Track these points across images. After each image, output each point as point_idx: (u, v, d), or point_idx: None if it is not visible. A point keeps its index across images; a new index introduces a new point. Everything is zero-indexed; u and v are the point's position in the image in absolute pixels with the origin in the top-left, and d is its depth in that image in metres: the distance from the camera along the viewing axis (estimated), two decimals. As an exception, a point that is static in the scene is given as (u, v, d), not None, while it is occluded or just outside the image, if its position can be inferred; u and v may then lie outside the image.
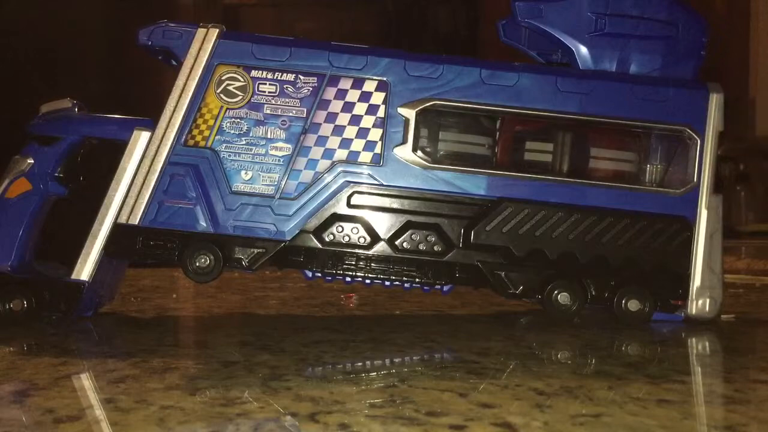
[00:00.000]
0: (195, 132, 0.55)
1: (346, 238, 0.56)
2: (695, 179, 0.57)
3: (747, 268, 1.38)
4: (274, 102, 0.55)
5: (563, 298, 0.57)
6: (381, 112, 0.56)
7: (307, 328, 0.55)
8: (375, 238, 0.56)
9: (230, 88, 0.55)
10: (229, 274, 0.56)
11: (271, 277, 0.83)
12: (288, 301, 0.71)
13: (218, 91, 0.55)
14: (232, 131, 0.55)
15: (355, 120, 0.56)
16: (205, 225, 0.54)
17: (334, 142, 0.55)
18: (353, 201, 0.56)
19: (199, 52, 0.55)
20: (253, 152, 0.55)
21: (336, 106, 0.55)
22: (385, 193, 0.56)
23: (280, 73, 0.55)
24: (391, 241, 0.56)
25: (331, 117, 0.55)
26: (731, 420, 0.32)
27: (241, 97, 0.55)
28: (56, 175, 0.55)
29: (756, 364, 0.46)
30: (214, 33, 0.55)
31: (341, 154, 0.55)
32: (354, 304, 0.70)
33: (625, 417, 0.31)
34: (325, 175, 0.55)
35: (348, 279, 0.57)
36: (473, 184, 0.56)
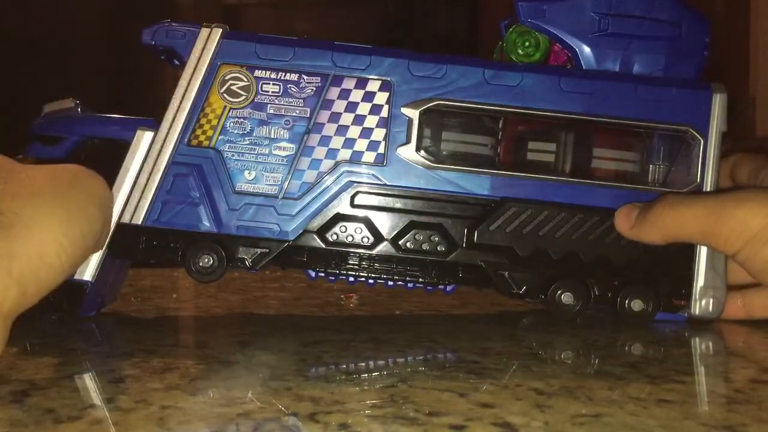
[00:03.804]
0: (198, 132, 0.55)
1: (350, 238, 0.56)
2: (698, 179, 0.57)
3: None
4: (277, 102, 0.55)
5: (567, 298, 0.56)
6: (384, 112, 0.56)
7: (307, 328, 0.55)
8: (378, 238, 0.56)
9: (234, 87, 0.55)
10: (229, 273, 0.56)
11: (271, 277, 0.83)
12: (288, 301, 0.71)
13: (221, 91, 0.55)
14: (236, 131, 0.55)
15: (359, 120, 0.56)
16: (208, 225, 0.54)
17: (337, 142, 0.55)
18: (357, 201, 0.56)
19: (202, 52, 0.55)
20: (256, 152, 0.55)
21: (339, 105, 0.55)
22: (389, 193, 0.56)
23: (283, 73, 0.55)
24: (394, 241, 0.56)
25: (335, 117, 0.55)
26: (731, 420, 0.31)
27: (244, 96, 0.55)
28: None
29: (756, 364, 0.46)
30: (217, 33, 0.55)
31: (345, 154, 0.55)
32: (354, 304, 0.70)
33: (625, 417, 0.31)
34: (328, 175, 0.55)
35: (351, 279, 0.56)
36: (477, 184, 0.56)
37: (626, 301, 0.57)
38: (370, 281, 0.57)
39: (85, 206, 0.39)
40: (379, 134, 0.56)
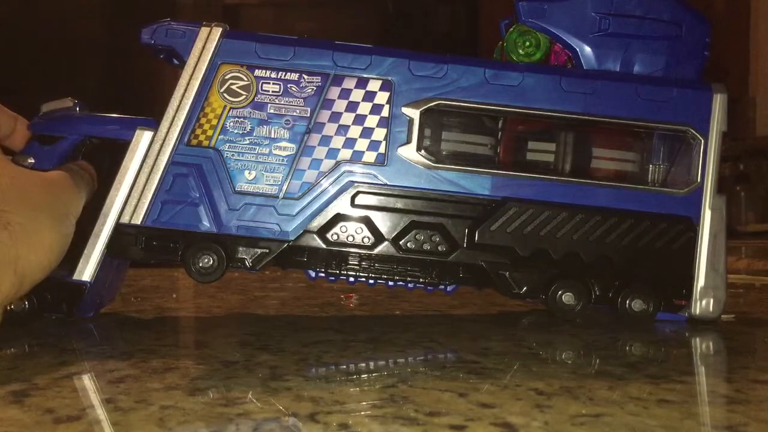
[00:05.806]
0: (198, 131, 0.54)
1: (350, 238, 0.56)
2: (699, 180, 0.57)
3: (747, 268, 1.38)
4: (277, 101, 0.55)
5: (567, 298, 0.57)
6: (385, 112, 0.56)
7: (307, 328, 0.55)
8: (379, 238, 0.56)
9: (234, 87, 0.55)
10: (229, 274, 0.56)
11: (271, 277, 0.83)
12: (288, 301, 0.71)
13: (221, 91, 0.55)
14: (236, 131, 0.55)
15: (359, 120, 0.56)
16: (208, 225, 0.54)
17: (338, 141, 0.55)
18: (357, 201, 0.55)
19: (202, 51, 0.55)
20: (256, 152, 0.55)
21: (340, 105, 0.55)
22: (390, 193, 0.56)
23: (283, 73, 0.55)
24: (395, 241, 0.56)
25: (335, 116, 0.55)
26: (731, 420, 0.31)
27: (244, 96, 0.55)
28: None
29: (756, 364, 0.46)
30: (217, 32, 0.55)
31: (345, 153, 0.55)
32: (354, 304, 0.70)
33: (625, 417, 0.31)
34: (328, 175, 0.55)
35: (351, 279, 0.56)
36: (477, 184, 0.56)
37: (627, 301, 0.57)
38: (371, 281, 0.57)
39: (66, 218, 0.46)
40: (379, 134, 0.56)
